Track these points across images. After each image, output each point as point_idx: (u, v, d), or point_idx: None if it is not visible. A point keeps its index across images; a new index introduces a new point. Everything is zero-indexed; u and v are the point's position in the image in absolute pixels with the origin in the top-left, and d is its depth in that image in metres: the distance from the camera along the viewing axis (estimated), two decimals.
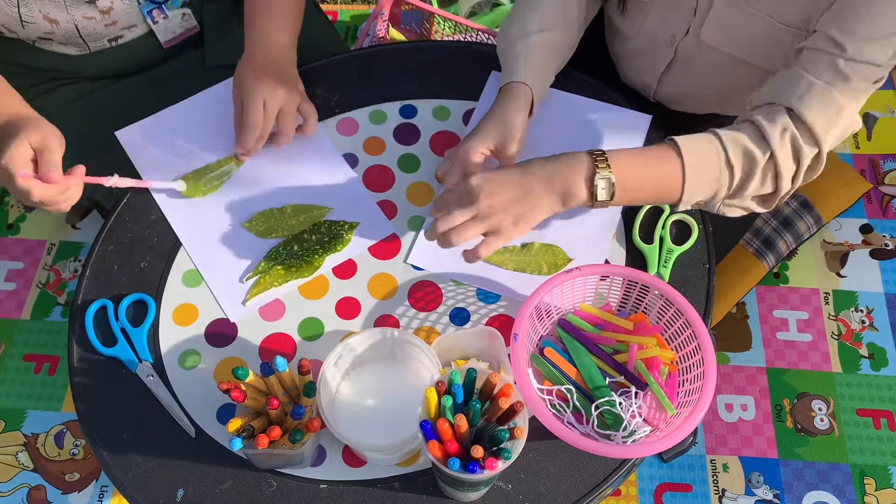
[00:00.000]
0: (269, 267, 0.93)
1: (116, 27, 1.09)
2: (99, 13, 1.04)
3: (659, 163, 0.85)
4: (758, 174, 0.84)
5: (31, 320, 1.56)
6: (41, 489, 1.40)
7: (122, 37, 1.11)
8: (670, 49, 1.05)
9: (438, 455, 0.69)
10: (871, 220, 1.66)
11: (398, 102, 1.08)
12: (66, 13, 1.02)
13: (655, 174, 0.85)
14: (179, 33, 1.16)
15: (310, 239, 0.96)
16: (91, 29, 1.07)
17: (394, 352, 0.84)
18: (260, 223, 0.97)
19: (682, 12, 1.00)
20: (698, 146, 0.84)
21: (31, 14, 1.02)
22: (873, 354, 1.51)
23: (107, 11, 1.05)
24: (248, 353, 0.90)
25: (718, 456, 1.42)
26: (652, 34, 1.06)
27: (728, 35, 0.97)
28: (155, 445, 0.85)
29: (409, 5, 1.57)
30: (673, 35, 1.03)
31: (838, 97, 0.82)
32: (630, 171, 0.84)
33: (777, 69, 0.89)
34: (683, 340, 0.84)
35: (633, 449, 0.78)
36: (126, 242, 0.97)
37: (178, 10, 1.13)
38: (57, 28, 1.05)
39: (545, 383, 0.85)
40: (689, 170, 0.83)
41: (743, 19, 0.94)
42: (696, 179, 0.84)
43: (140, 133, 1.04)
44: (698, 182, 0.84)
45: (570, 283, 0.86)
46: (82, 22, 1.05)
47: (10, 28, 1.05)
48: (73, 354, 0.90)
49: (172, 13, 1.12)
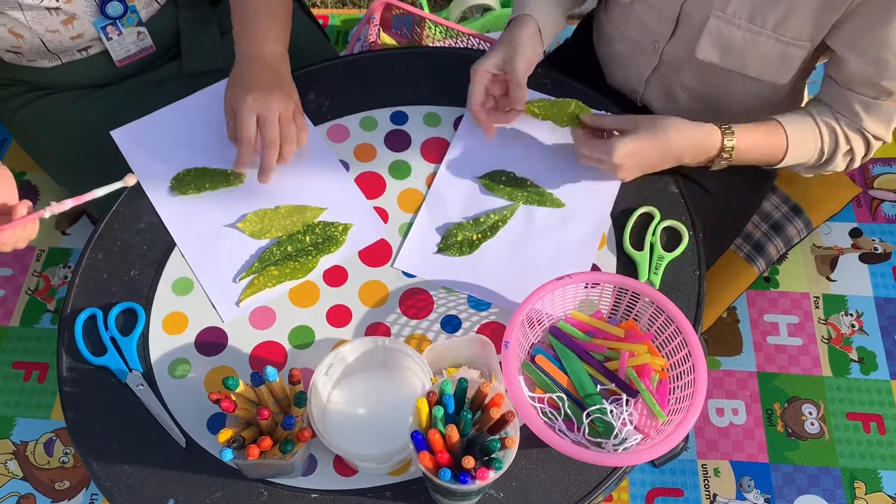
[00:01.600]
0: (263, 267, 0.93)
1: (83, 39, 1.08)
2: (62, 25, 1.03)
3: (774, 145, 0.99)
4: (839, 157, 1.00)
5: (21, 327, 1.55)
6: (31, 498, 1.39)
7: (91, 47, 1.10)
8: (655, 54, 1.06)
9: (429, 466, 0.69)
10: (860, 224, 1.67)
11: (389, 109, 1.08)
12: (29, 28, 1.01)
13: (764, 145, 0.99)
14: (133, 52, 1.14)
15: (303, 240, 0.95)
16: (57, 42, 1.06)
17: (385, 361, 0.84)
18: (254, 223, 0.97)
19: (663, 20, 1.01)
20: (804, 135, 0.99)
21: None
22: (863, 358, 1.52)
23: (69, 22, 1.03)
24: (238, 362, 0.90)
25: (709, 461, 1.42)
26: (635, 39, 1.07)
27: (725, 51, 0.98)
28: (145, 455, 0.85)
29: (400, 10, 1.56)
30: (655, 41, 1.04)
31: (888, 105, 0.95)
32: (748, 147, 0.97)
33: (778, 81, 0.98)
34: (674, 347, 0.85)
35: (623, 457, 0.78)
36: (116, 251, 0.96)
37: (133, 28, 1.11)
38: (23, 42, 1.03)
39: (536, 391, 0.85)
40: (789, 156, 0.99)
41: (744, 37, 0.95)
42: (790, 161, 1.00)
43: (135, 132, 1.04)
44: (792, 161, 1.00)
45: (561, 291, 0.86)
46: (47, 36, 1.04)
47: None
48: (63, 364, 0.90)
49: (127, 30, 1.10)
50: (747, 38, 0.95)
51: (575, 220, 0.99)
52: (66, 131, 1.14)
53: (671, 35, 1.02)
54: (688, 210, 1.00)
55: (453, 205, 1.00)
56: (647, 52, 1.07)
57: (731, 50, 0.97)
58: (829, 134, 0.99)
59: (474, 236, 0.97)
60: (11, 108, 1.12)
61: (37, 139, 1.18)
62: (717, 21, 0.95)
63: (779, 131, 0.98)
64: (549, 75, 1.09)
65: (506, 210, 0.99)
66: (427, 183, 1.02)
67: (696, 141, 0.95)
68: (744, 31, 0.95)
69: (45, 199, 1.63)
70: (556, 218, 0.99)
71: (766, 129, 0.98)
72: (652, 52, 1.06)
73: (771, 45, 0.95)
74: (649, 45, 1.05)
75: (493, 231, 0.98)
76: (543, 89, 1.08)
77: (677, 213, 0.99)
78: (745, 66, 0.98)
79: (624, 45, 1.11)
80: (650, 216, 0.99)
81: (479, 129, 1.05)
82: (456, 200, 1.00)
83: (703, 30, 0.97)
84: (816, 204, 1.60)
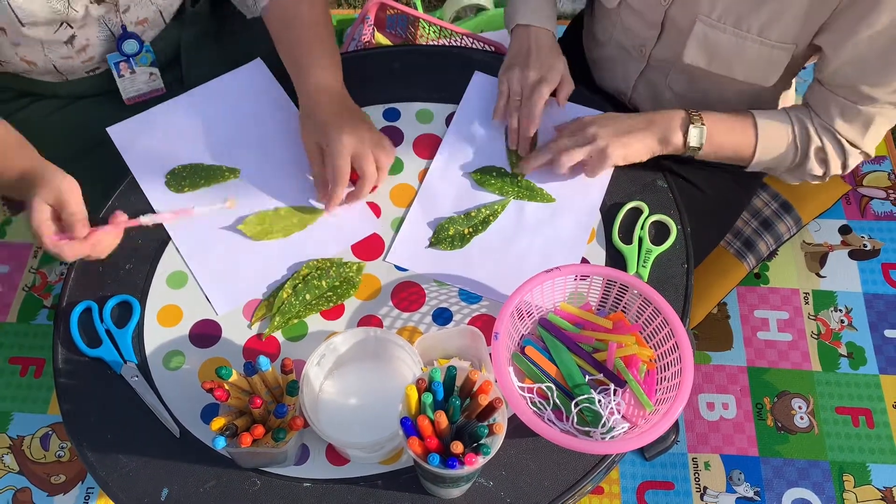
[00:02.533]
0: (286, 321, 0.92)
1: (93, 62, 1.09)
2: (75, 52, 1.04)
3: (741, 131, 1.00)
4: (811, 158, 1.00)
5: (17, 323, 1.56)
6: (27, 491, 1.40)
7: (98, 68, 1.12)
8: (642, 58, 1.07)
9: (419, 451, 0.70)
10: (849, 221, 1.69)
11: (381, 105, 1.09)
12: (44, 55, 1.03)
13: (736, 139, 1.00)
14: (144, 92, 1.15)
15: (320, 285, 0.94)
16: (68, 66, 1.07)
17: (376, 351, 0.85)
18: (255, 225, 0.98)
19: (648, 25, 1.02)
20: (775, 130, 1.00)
21: (8, 56, 1.02)
22: (852, 353, 1.53)
23: (83, 49, 1.05)
24: (232, 354, 0.91)
25: (700, 454, 1.43)
26: (622, 43, 1.08)
27: (713, 55, 0.99)
28: (139, 445, 0.86)
29: (394, 10, 1.58)
30: (642, 46, 1.05)
31: (867, 112, 0.95)
32: (718, 129, 0.99)
33: (765, 83, 0.99)
34: (661, 339, 0.86)
35: (611, 445, 0.79)
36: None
37: (146, 69, 1.12)
38: (34, 67, 1.05)
39: (526, 381, 0.86)
40: (760, 144, 1.00)
41: (730, 41, 0.96)
42: (764, 154, 1.01)
43: (131, 129, 1.05)
44: (766, 155, 1.01)
45: (550, 283, 0.88)
46: (59, 62, 1.05)
47: None
48: (58, 356, 0.91)
49: (140, 70, 1.11)
50: (733, 42, 0.96)
51: (565, 215, 1.00)
52: (62, 132, 1.15)
53: (657, 39, 1.03)
54: (676, 205, 1.01)
55: (445, 199, 1.01)
56: (634, 56, 1.08)
57: (718, 54, 0.98)
58: (800, 129, 0.99)
59: (465, 230, 0.98)
60: (8, 112, 1.13)
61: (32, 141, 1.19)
62: (703, 26, 0.96)
63: (747, 117, 1.00)
64: None
65: (497, 205, 1.01)
66: (419, 178, 1.03)
67: (659, 113, 1.00)
68: (730, 36, 0.96)
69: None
70: (547, 213, 1.00)
71: (735, 116, 1.01)
72: (639, 56, 1.07)
73: (757, 49, 0.96)
74: (636, 50, 1.07)
75: (484, 225, 0.99)
76: None
77: (666, 208, 1.01)
78: (732, 70, 1.00)
79: (611, 48, 1.12)
80: (639, 211, 1.00)
81: (470, 126, 1.06)
82: (447, 195, 1.02)
83: (689, 35, 0.98)
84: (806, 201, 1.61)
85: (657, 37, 1.03)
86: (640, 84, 1.12)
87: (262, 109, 1.07)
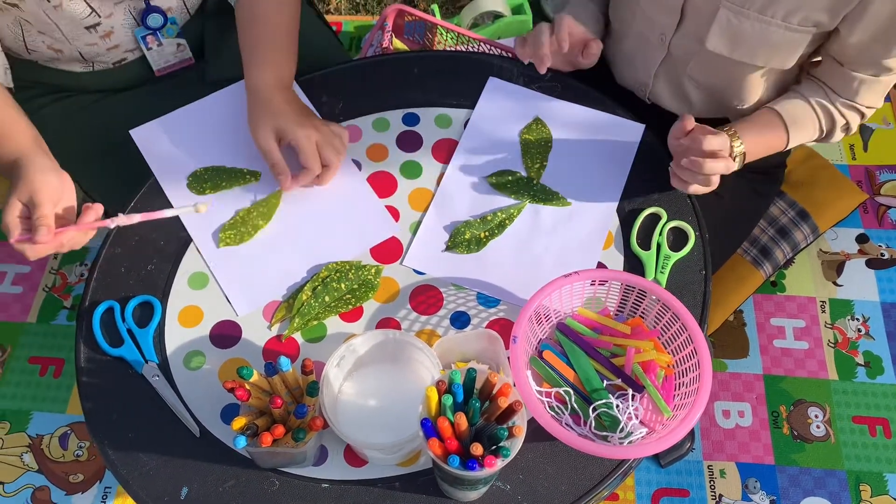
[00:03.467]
0: (305, 322, 0.93)
1: (119, 51, 1.11)
2: (100, 38, 1.06)
3: (774, 136, 1.04)
4: (837, 131, 1.06)
5: (37, 323, 1.58)
6: (45, 490, 1.41)
7: (125, 59, 1.14)
8: (662, 47, 1.08)
9: (438, 452, 0.70)
10: (867, 230, 1.68)
11: (401, 110, 1.10)
12: (69, 43, 1.05)
13: (769, 144, 1.04)
14: (173, 63, 1.17)
15: (339, 287, 0.94)
16: (94, 53, 1.09)
17: (395, 353, 0.86)
18: (228, 232, 0.99)
19: (668, 11, 1.03)
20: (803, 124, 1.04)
21: (36, 44, 1.04)
22: (869, 363, 1.52)
23: (107, 35, 1.06)
24: (252, 355, 0.92)
25: (716, 462, 1.43)
26: (641, 33, 1.09)
27: (735, 42, 0.99)
28: (160, 444, 0.87)
29: (412, 16, 1.59)
30: (662, 33, 1.06)
31: (886, 80, 0.99)
32: (755, 147, 1.02)
33: (783, 66, 1.01)
34: (680, 344, 0.86)
35: (629, 450, 0.79)
36: (133, 245, 0.99)
37: (173, 40, 1.14)
38: (61, 55, 1.07)
39: (544, 385, 0.87)
40: (791, 143, 1.05)
41: (754, 27, 0.96)
42: (796, 143, 1.05)
43: (154, 131, 1.06)
44: (797, 142, 1.05)
45: (568, 288, 0.88)
46: (85, 49, 1.07)
47: (17, 52, 1.08)
48: (81, 355, 0.92)
49: (167, 41, 1.13)
50: (756, 28, 0.96)
51: (580, 219, 1.01)
52: (87, 130, 1.17)
53: (677, 26, 1.04)
54: (695, 211, 1.01)
55: (461, 203, 1.02)
56: (654, 46, 1.09)
57: (741, 40, 0.99)
58: (824, 115, 1.03)
59: (482, 234, 0.99)
60: (34, 107, 1.15)
61: (57, 137, 1.21)
62: (727, 12, 0.97)
63: (778, 126, 1.03)
64: (558, 79, 1.11)
65: (512, 209, 1.01)
66: (438, 182, 1.04)
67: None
68: (753, 21, 0.96)
69: None
70: (562, 216, 1.01)
71: (766, 125, 1.03)
72: (659, 45, 1.08)
73: (780, 34, 0.96)
74: (656, 38, 1.07)
75: (500, 229, 1.00)
76: (553, 92, 1.10)
77: (684, 215, 1.01)
78: (754, 56, 1.00)
79: (631, 40, 1.12)
80: (657, 217, 1.01)
81: (485, 130, 1.07)
82: (464, 199, 1.02)
83: (712, 21, 0.98)
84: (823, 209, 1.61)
85: (677, 23, 1.03)
86: (660, 74, 1.12)
87: None
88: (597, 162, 1.05)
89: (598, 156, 1.06)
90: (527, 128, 1.07)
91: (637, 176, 1.04)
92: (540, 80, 1.11)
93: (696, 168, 0.94)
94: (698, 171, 0.94)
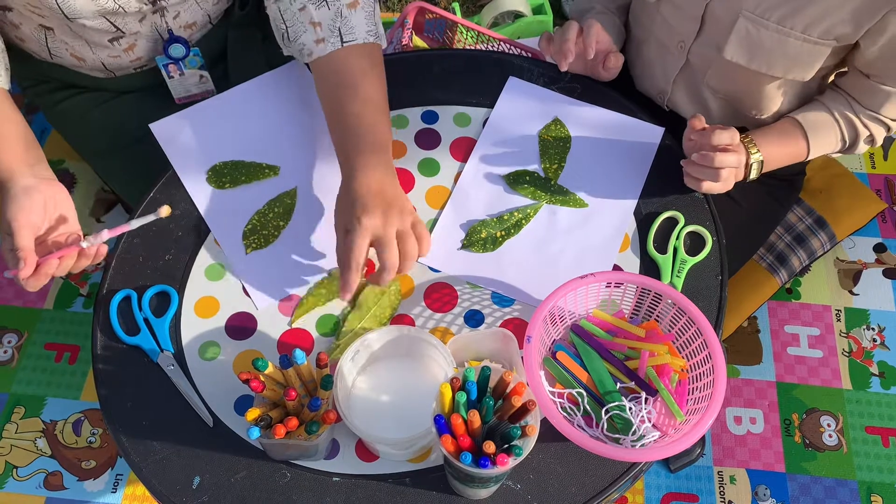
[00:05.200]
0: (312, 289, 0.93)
1: (141, 61, 1.12)
2: (122, 52, 1.07)
3: (794, 145, 1.03)
4: (860, 143, 1.05)
5: (54, 310, 1.59)
6: (58, 475, 1.43)
7: (146, 66, 1.14)
8: (682, 54, 1.07)
9: (451, 449, 0.71)
10: (885, 239, 1.67)
11: (420, 108, 1.10)
12: (92, 53, 1.05)
13: (789, 153, 1.04)
14: (194, 93, 1.17)
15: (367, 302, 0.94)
16: (117, 64, 1.09)
17: (409, 350, 0.86)
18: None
19: (688, 19, 1.03)
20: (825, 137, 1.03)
21: (59, 50, 1.05)
22: (884, 373, 1.51)
23: (130, 49, 1.07)
24: (266, 347, 0.92)
25: (726, 468, 1.42)
26: (661, 40, 1.09)
27: (753, 52, 0.99)
28: (173, 433, 0.87)
29: (433, 14, 1.59)
30: (682, 41, 1.06)
31: None
32: (774, 157, 1.01)
33: (802, 78, 1.00)
34: (694, 349, 0.86)
35: (641, 453, 0.79)
36: (151, 235, 0.99)
37: (195, 71, 1.14)
38: (83, 64, 1.07)
39: (557, 386, 0.87)
40: (812, 154, 1.04)
41: (772, 38, 0.96)
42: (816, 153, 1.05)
43: (174, 126, 1.06)
44: (818, 153, 1.05)
45: (584, 289, 0.88)
46: (108, 60, 1.08)
47: (40, 56, 1.09)
48: (97, 342, 0.93)
49: (189, 72, 1.13)
50: (775, 39, 0.96)
51: (597, 221, 1.00)
52: (106, 125, 1.17)
53: (697, 34, 1.04)
54: (712, 216, 1.01)
55: (477, 202, 1.02)
56: (673, 53, 1.09)
57: (759, 51, 0.98)
58: (847, 126, 1.02)
59: (498, 233, 0.99)
60: (54, 101, 1.16)
61: (76, 131, 1.22)
62: (746, 21, 0.96)
63: (797, 135, 1.03)
64: (578, 80, 1.11)
65: (529, 209, 1.01)
66: (455, 180, 1.04)
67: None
68: (772, 32, 0.96)
69: (81, 187, 1.67)
70: (579, 217, 1.01)
71: (784, 133, 1.03)
72: (678, 53, 1.08)
73: (799, 46, 0.96)
74: (675, 46, 1.07)
75: (516, 229, 1.00)
76: (573, 94, 1.10)
77: (702, 219, 1.01)
78: (771, 67, 1.00)
79: (651, 47, 1.12)
80: (675, 221, 1.00)
81: (504, 130, 1.07)
82: (480, 198, 1.02)
83: (731, 30, 0.98)
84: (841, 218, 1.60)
85: (697, 31, 1.03)
86: (679, 81, 1.12)
87: (303, 109, 1.08)
88: (615, 164, 1.05)
89: (617, 158, 1.05)
90: (545, 128, 1.07)
91: (655, 179, 1.04)
92: (560, 81, 1.11)
93: (706, 162, 0.94)
94: (709, 165, 0.94)
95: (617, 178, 1.04)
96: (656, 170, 1.05)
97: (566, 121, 1.08)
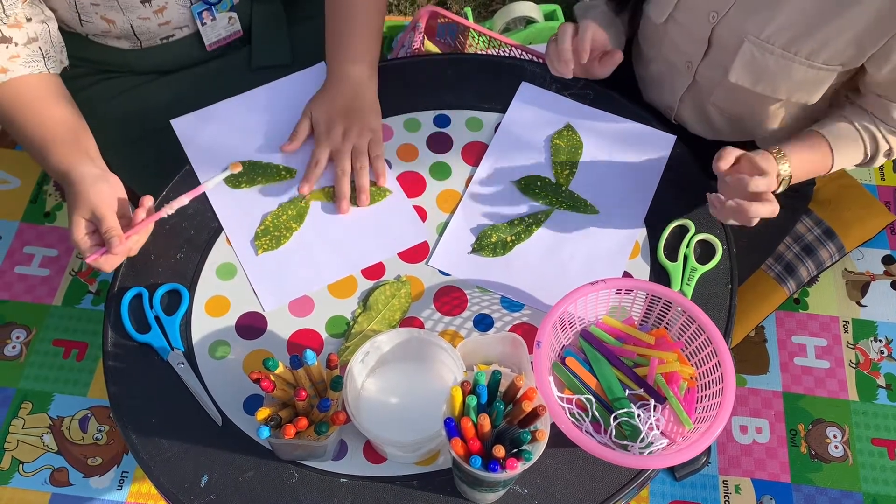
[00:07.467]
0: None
1: (169, 27, 1.12)
2: (153, 13, 1.08)
3: (820, 159, 1.01)
4: (880, 157, 1.04)
5: (63, 306, 1.60)
6: (64, 471, 1.43)
7: (173, 35, 1.15)
8: (689, 74, 1.07)
9: (461, 452, 0.71)
10: (893, 251, 1.67)
11: (432, 112, 1.10)
12: (122, 14, 1.06)
13: (815, 168, 1.02)
14: (224, 36, 1.19)
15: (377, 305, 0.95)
16: (145, 28, 1.10)
17: (419, 352, 0.86)
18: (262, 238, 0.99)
19: (694, 41, 1.03)
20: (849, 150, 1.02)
21: (89, 15, 1.05)
22: (891, 385, 1.51)
23: (160, 10, 1.08)
24: (276, 347, 0.92)
25: (731, 477, 1.42)
26: (669, 59, 1.09)
27: (758, 76, 0.99)
28: (182, 431, 0.88)
29: (445, 19, 1.59)
30: (689, 62, 1.06)
31: None
32: (801, 169, 0.98)
33: (808, 101, 0.99)
34: (704, 357, 0.86)
35: (649, 460, 0.79)
36: (163, 233, 1.00)
37: (225, 14, 1.15)
38: (113, 27, 1.08)
39: (565, 392, 0.87)
40: (836, 165, 1.03)
41: (777, 63, 0.96)
42: (840, 166, 1.04)
43: (195, 123, 1.07)
44: (841, 166, 1.04)
45: (594, 295, 0.88)
46: (137, 22, 1.09)
47: (69, 25, 1.09)
48: (108, 339, 0.93)
49: (220, 16, 1.15)
50: (780, 64, 0.96)
51: (608, 228, 1.01)
52: (128, 114, 1.18)
53: (704, 55, 1.04)
54: (723, 224, 1.01)
55: (488, 206, 1.02)
56: (680, 72, 1.09)
57: (764, 74, 0.98)
58: (869, 139, 1.02)
59: (508, 238, 0.99)
60: (82, 85, 1.17)
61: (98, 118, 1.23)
62: (751, 46, 0.97)
63: (824, 148, 1.01)
64: (591, 86, 1.12)
65: (540, 214, 1.01)
66: (466, 184, 1.04)
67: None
68: (777, 57, 0.96)
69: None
70: (589, 224, 1.01)
71: (812, 147, 1.00)
72: (686, 72, 1.08)
73: (804, 71, 0.96)
74: (683, 65, 1.07)
75: (526, 234, 1.00)
76: (585, 100, 1.11)
77: (712, 228, 1.01)
78: (776, 90, 1.00)
79: (659, 65, 1.13)
80: (685, 229, 1.00)
81: (516, 135, 1.07)
82: (491, 202, 1.03)
83: (736, 54, 0.98)
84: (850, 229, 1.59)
85: (704, 52, 1.03)
86: (686, 99, 1.12)
87: None
88: (626, 171, 1.05)
89: (628, 165, 1.06)
90: (557, 134, 1.08)
91: (666, 187, 1.04)
92: (572, 88, 1.12)
93: (741, 211, 0.90)
94: (744, 214, 0.90)
95: (628, 185, 1.04)
96: (667, 177, 1.05)
97: (578, 127, 1.08)
